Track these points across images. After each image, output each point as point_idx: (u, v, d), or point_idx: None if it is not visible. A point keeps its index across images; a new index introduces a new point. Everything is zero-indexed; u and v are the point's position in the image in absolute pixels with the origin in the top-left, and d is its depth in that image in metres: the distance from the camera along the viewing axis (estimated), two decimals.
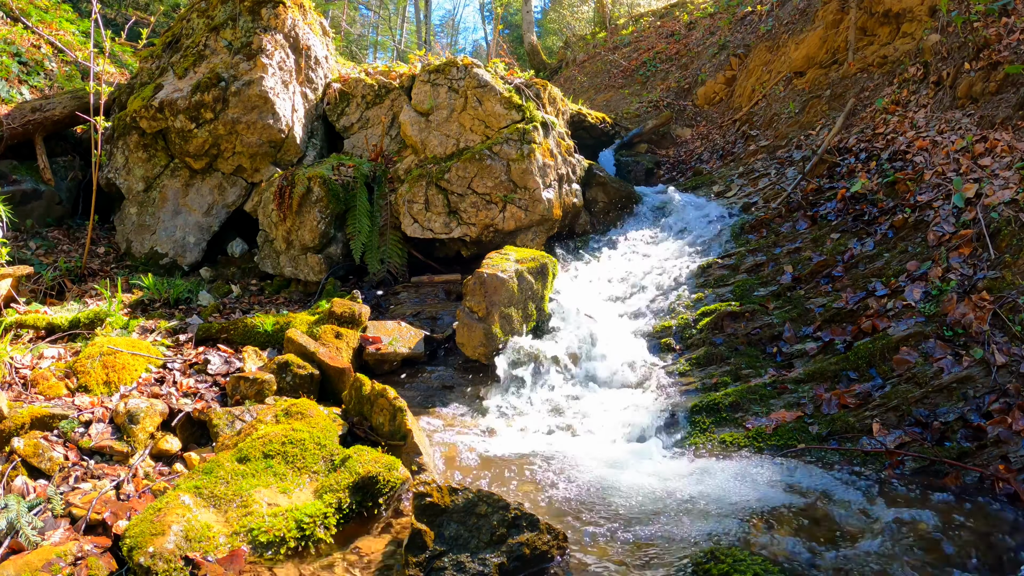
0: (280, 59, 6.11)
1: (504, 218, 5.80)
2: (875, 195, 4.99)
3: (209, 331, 4.49)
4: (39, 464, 2.91)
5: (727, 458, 3.34)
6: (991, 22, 5.16)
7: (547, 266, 4.97)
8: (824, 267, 4.58)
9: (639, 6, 17.28)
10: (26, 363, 3.74)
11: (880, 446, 3.18)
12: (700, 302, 4.76)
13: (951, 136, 4.94)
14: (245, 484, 2.72)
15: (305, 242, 5.75)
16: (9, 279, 4.55)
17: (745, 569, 2.24)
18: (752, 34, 10.07)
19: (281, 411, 3.31)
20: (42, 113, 6.20)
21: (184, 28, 6.46)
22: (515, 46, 20.41)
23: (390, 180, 6.18)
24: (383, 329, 4.70)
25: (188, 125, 5.87)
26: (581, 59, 14.67)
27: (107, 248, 6.24)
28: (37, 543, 2.48)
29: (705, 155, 8.44)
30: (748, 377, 3.94)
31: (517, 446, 3.54)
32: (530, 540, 2.39)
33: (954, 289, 3.74)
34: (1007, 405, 3.06)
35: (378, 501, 2.81)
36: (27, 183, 6.10)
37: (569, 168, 6.50)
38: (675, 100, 10.42)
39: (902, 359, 3.56)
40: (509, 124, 6.04)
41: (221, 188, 6.18)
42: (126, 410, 3.26)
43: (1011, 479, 2.77)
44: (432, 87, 6.21)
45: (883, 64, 7.05)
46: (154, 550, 2.30)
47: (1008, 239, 3.78)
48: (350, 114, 6.69)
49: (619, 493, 2.98)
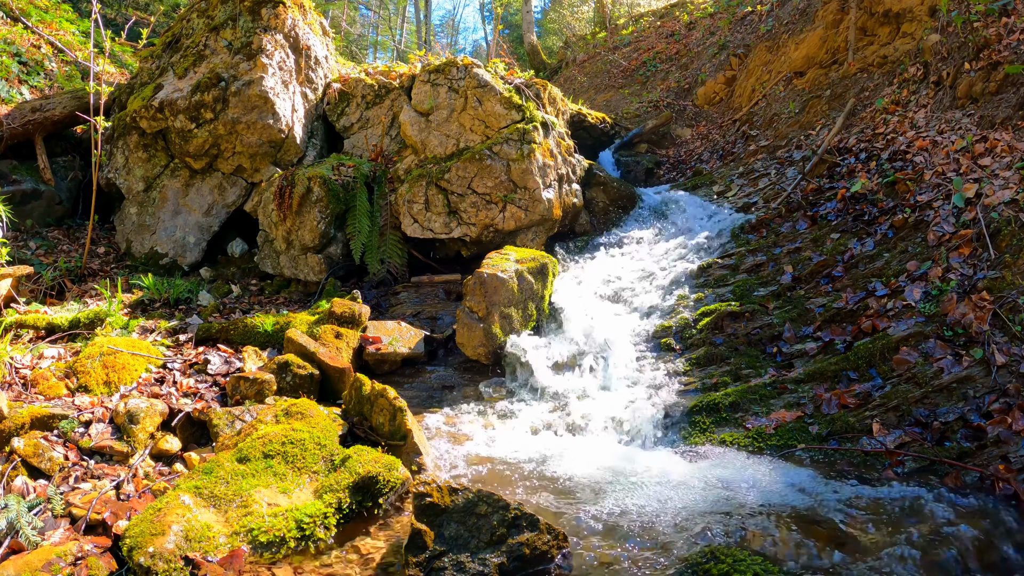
0: (280, 59, 6.11)
1: (504, 218, 5.81)
2: (875, 195, 4.99)
3: (209, 331, 4.49)
4: (39, 464, 2.91)
5: (727, 458, 3.34)
6: (991, 22, 5.16)
7: (547, 266, 4.97)
8: (824, 267, 4.58)
9: (639, 6, 17.27)
10: (26, 363, 3.74)
11: (880, 446, 3.18)
12: (700, 302, 4.76)
13: (951, 136, 4.94)
14: (245, 484, 2.72)
15: (305, 242, 5.75)
16: (9, 279, 4.55)
17: (745, 569, 2.24)
18: (752, 34, 10.07)
19: (281, 411, 3.31)
20: (42, 113, 6.20)
21: (184, 28, 6.46)
22: (515, 46, 20.40)
23: (390, 180, 6.18)
24: (383, 329, 4.71)
25: (188, 125, 5.88)
26: (581, 59, 14.66)
27: (107, 248, 6.24)
28: (37, 543, 2.48)
29: (705, 155, 8.44)
30: (748, 377, 3.95)
31: (517, 446, 3.55)
32: (530, 540, 2.39)
33: (954, 289, 3.74)
34: (1007, 405, 3.06)
35: (378, 501, 2.81)
36: (27, 183, 6.10)
37: (569, 168, 6.50)
38: (675, 100, 10.42)
39: (902, 359, 3.56)
40: (509, 124, 6.04)
41: (221, 188, 6.18)
42: (126, 410, 3.26)
43: (1011, 479, 2.77)
44: (432, 87, 6.21)
45: (883, 64, 7.05)
46: (154, 550, 2.30)
47: (1008, 239, 3.78)
48: (350, 114, 6.69)
49: (619, 493, 2.98)
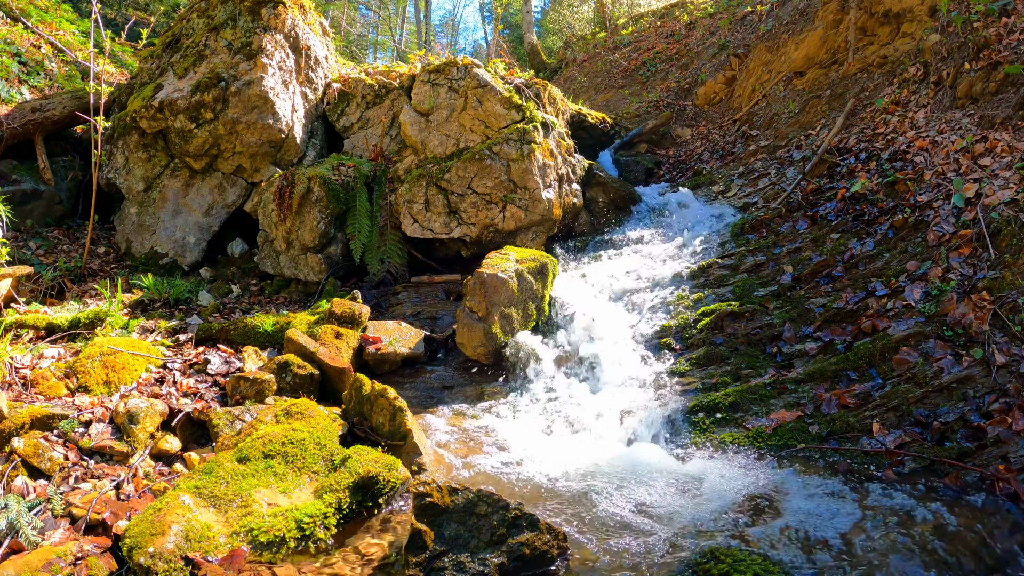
0: (280, 59, 6.11)
1: (504, 218, 5.80)
2: (875, 195, 4.99)
3: (209, 331, 4.49)
4: (39, 464, 2.91)
5: (727, 458, 3.34)
6: (991, 22, 5.15)
7: (547, 266, 4.97)
8: (824, 267, 4.58)
9: (639, 6, 17.27)
10: (26, 363, 3.74)
11: (880, 446, 3.18)
12: (700, 302, 4.76)
13: (951, 136, 4.94)
14: (245, 484, 2.72)
15: (305, 242, 5.75)
16: (9, 279, 4.55)
17: (745, 569, 2.24)
18: (752, 34, 10.07)
19: (281, 411, 3.31)
20: (42, 113, 6.20)
21: (184, 28, 6.46)
22: (515, 46, 20.40)
23: (390, 180, 6.18)
24: (383, 329, 4.70)
25: (188, 125, 5.87)
26: (581, 59, 14.66)
27: (107, 248, 6.23)
28: (37, 543, 2.48)
29: (705, 155, 8.44)
30: (748, 377, 3.94)
31: (517, 445, 3.55)
32: (530, 540, 2.39)
33: (954, 289, 3.73)
34: (1007, 405, 3.06)
35: (378, 501, 2.81)
36: (27, 183, 6.10)
37: (569, 168, 6.50)
38: (675, 100, 10.41)
39: (902, 359, 3.56)
40: (509, 124, 6.04)
41: (221, 188, 6.18)
42: (126, 410, 3.26)
43: (1011, 479, 2.77)
44: (432, 87, 6.21)
45: (883, 64, 7.05)
46: (154, 550, 2.30)
47: (1008, 239, 3.78)
48: (350, 114, 6.69)
49: (619, 493, 2.98)
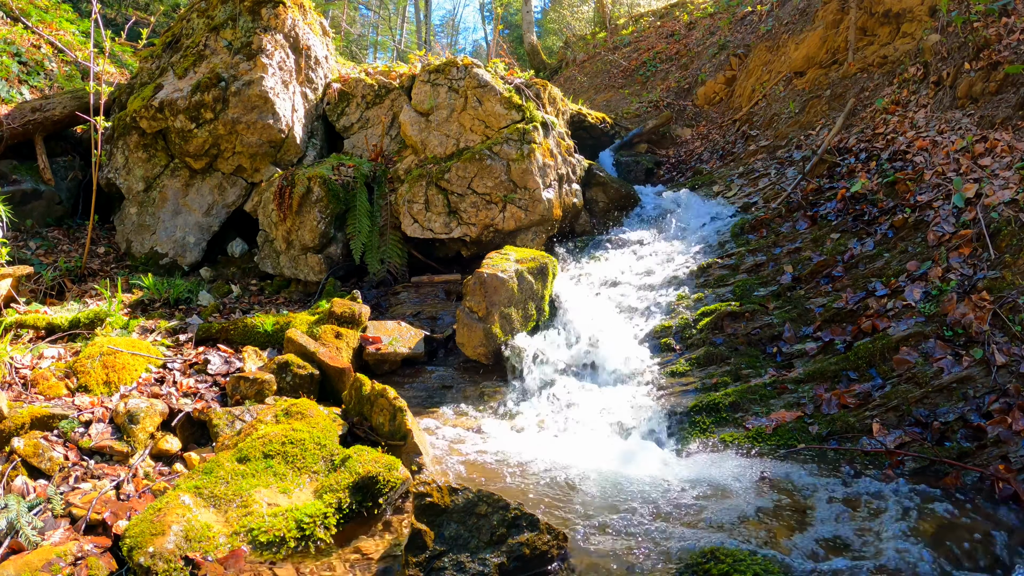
0: (280, 59, 6.11)
1: (504, 218, 5.80)
2: (875, 195, 4.99)
3: (209, 331, 4.49)
4: (39, 464, 2.91)
5: (727, 458, 3.34)
6: (991, 22, 5.15)
7: (547, 266, 4.97)
8: (824, 267, 4.58)
9: (639, 6, 17.27)
10: (26, 363, 3.74)
11: (880, 446, 3.18)
12: (700, 302, 4.76)
13: (951, 136, 4.94)
14: (245, 484, 2.72)
15: (305, 242, 5.75)
16: (9, 279, 4.55)
17: (745, 569, 2.24)
18: (752, 34, 10.07)
19: (281, 411, 3.31)
20: (42, 113, 6.20)
21: (184, 28, 6.46)
22: (515, 46, 20.40)
23: (390, 180, 6.18)
24: (383, 329, 4.70)
25: (188, 125, 5.87)
26: (581, 59, 14.66)
27: (107, 248, 6.23)
28: (37, 543, 2.48)
29: (705, 155, 8.44)
30: (748, 377, 3.94)
31: (517, 445, 3.55)
32: (530, 540, 2.39)
33: (954, 289, 3.73)
34: (1007, 405, 3.06)
35: (378, 501, 2.81)
36: (27, 183, 6.10)
37: (569, 168, 6.50)
38: (675, 100, 10.41)
39: (902, 359, 3.56)
40: (509, 124, 6.04)
41: (221, 188, 6.18)
42: (126, 410, 3.26)
43: (1011, 479, 2.77)
44: (432, 87, 6.21)
45: (883, 64, 7.05)
46: (154, 550, 2.30)
47: (1008, 239, 3.78)
48: (350, 114, 6.69)
49: (619, 493, 2.98)
